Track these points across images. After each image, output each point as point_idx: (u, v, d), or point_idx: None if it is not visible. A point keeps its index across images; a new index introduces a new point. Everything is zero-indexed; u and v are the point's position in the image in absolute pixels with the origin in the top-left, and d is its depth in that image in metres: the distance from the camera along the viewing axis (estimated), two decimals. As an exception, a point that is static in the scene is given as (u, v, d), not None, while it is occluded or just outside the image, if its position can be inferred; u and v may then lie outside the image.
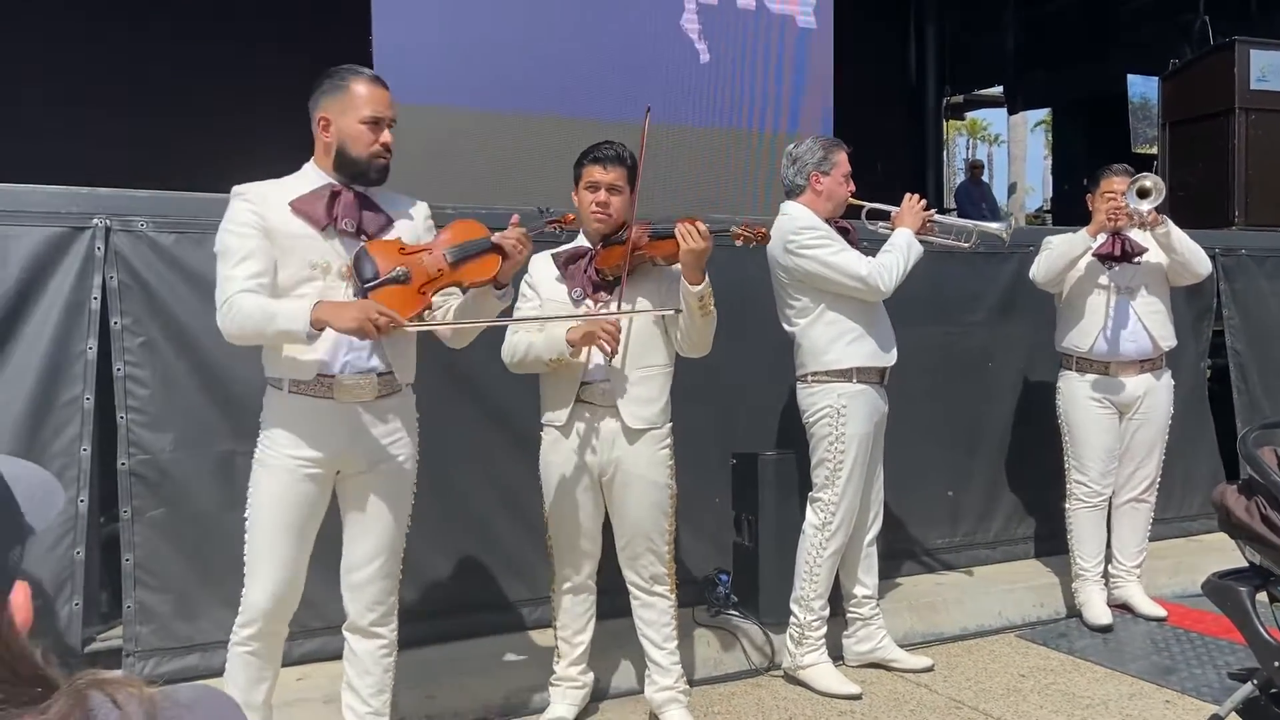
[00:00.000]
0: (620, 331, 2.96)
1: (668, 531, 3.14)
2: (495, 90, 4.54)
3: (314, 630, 3.44)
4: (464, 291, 2.69)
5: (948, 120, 13.57)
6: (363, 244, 2.58)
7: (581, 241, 3.15)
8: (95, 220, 3.25)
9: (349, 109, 2.57)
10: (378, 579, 2.70)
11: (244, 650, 2.64)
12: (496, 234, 2.68)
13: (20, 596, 0.73)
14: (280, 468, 2.57)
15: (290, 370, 2.57)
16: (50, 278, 3.21)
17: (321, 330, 2.45)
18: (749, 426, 4.18)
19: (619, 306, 2.98)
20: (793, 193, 3.59)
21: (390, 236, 2.64)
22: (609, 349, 2.94)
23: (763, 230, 2.98)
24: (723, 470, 4.08)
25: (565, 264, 3.10)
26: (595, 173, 3.06)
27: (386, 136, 2.61)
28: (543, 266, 3.13)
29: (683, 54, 5.00)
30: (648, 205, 3.23)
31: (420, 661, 3.53)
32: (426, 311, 2.66)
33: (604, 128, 4.20)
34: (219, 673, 3.30)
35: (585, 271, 3.07)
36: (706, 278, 2.93)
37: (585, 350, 3.00)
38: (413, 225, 2.71)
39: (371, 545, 2.69)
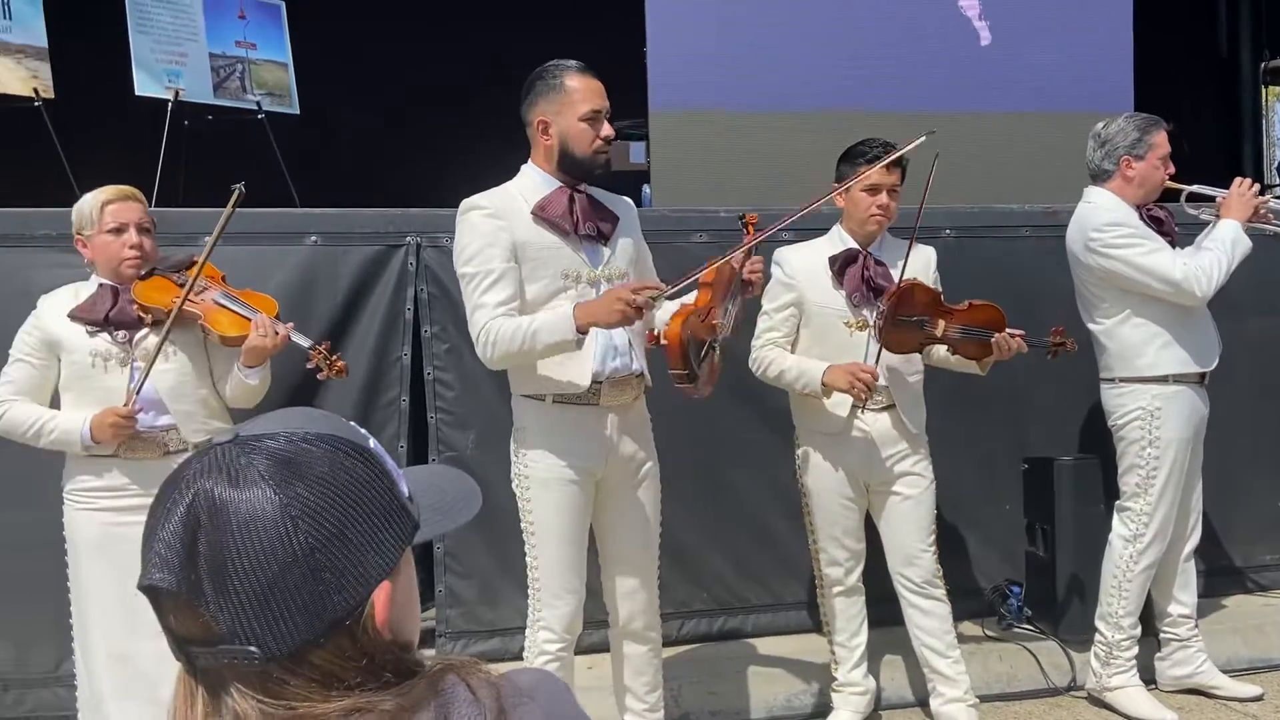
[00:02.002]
0: (877, 380, 2.90)
1: (935, 530, 3.10)
2: (769, 90, 4.53)
3: (601, 621, 3.59)
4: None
5: (1266, 87, 12.09)
6: (685, 336, 2.52)
7: (845, 239, 3.09)
8: (408, 238, 3.57)
9: (566, 107, 2.52)
10: (649, 584, 2.76)
11: (556, 665, 2.67)
12: (746, 271, 2.68)
13: (382, 595, 0.82)
14: (557, 480, 2.57)
15: (558, 385, 2.56)
16: (372, 291, 3.56)
17: (586, 332, 2.46)
18: (1040, 429, 3.94)
19: (879, 360, 2.93)
20: (1099, 177, 3.31)
21: (622, 242, 2.66)
22: (862, 399, 2.90)
23: (1072, 343, 3.16)
24: (1012, 476, 3.87)
25: (841, 268, 3.05)
26: (875, 175, 2.99)
27: (607, 130, 2.55)
28: (806, 263, 3.07)
29: (961, 37, 4.77)
30: (937, 198, 3.13)
31: (702, 658, 3.61)
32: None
33: (876, 120, 4.10)
34: (517, 657, 3.54)
35: (863, 278, 3.02)
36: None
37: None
38: (629, 222, 2.72)
39: (641, 551, 2.73)
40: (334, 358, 2.66)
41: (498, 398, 3.63)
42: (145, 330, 2.62)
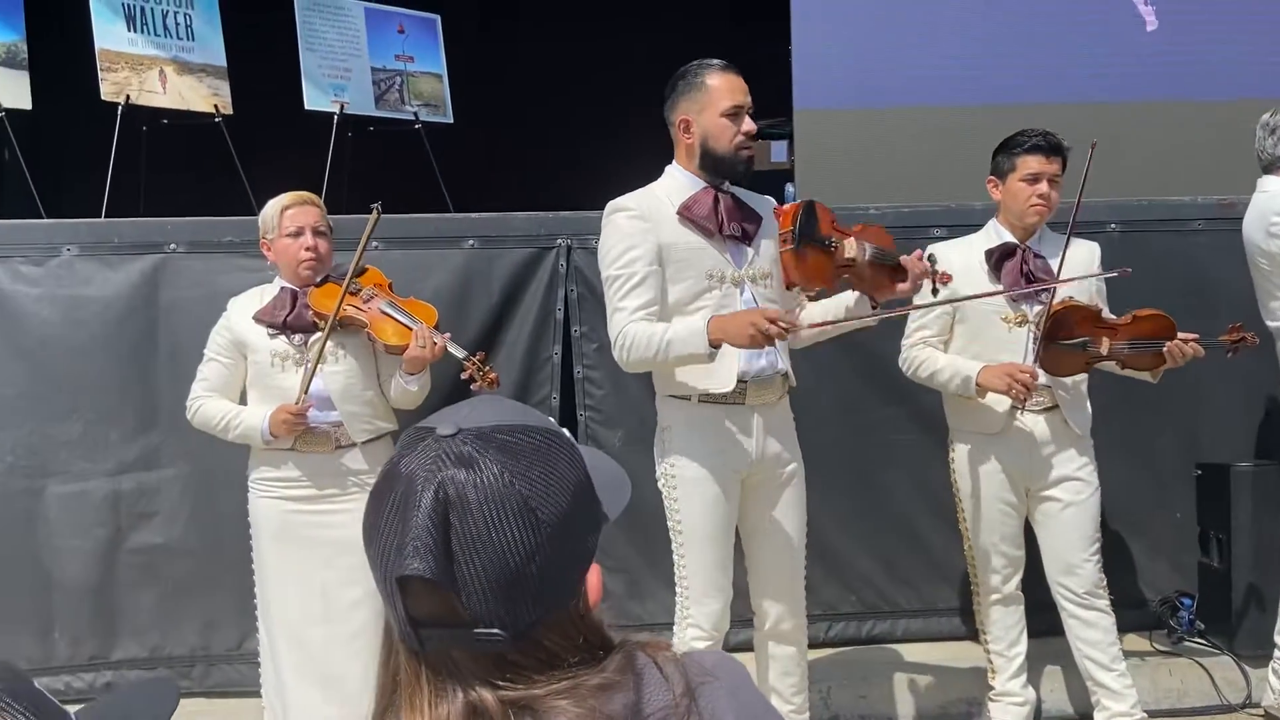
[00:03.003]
0: (1037, 379, 2.80)
1: (1099, 539, 2.97)
2: (918, 85, 4.44)
3: (746, 620, 3.59)
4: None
5: None
6: (811, 201, 2.58)
7: (1001, 233, 2.99)
8: (559, 240, 3.66)
9: (707, 105, 2.53)
10: (795, 585, 2.74)
11: None
12: (904, 257, 2.63)
13: (594, 578, 0.86)
14: (704, 479, 2.59)
15: (705, 384, 2.57)
16: (524, 292, 3.66)
17: (719, 347, 2.46)
18: (1215, 433, 3.73)
19: (1037, 360, 2.83)
20: (1272, 167, 3.13)
21: (765, 242, 2.65)
22: (1020, 400, 2.80)
23: (1252, 336, 2.96)
24: (1183, 482, 3.68)
25: (998, 262, 2.96)
26: (1035, 163, 2.89)
27: (748, 125, 2.54)
28: (961, 259, 2.98)
29: (1125, 23, 4.56)
30: (1100, 192, 3.02)
31: (851, 660, 3.56)
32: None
33: (1031, 112, 3.95)
34: (665, 652, 3.59)
35: (1022, 271, 2.92)
36: None
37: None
38: (771, 221, 2.69)
39: (787, 553, 2.72)
40: (487, 369, 2.76)
41: (645, 396, 3.67)
42: (319, 334, 2.77)
